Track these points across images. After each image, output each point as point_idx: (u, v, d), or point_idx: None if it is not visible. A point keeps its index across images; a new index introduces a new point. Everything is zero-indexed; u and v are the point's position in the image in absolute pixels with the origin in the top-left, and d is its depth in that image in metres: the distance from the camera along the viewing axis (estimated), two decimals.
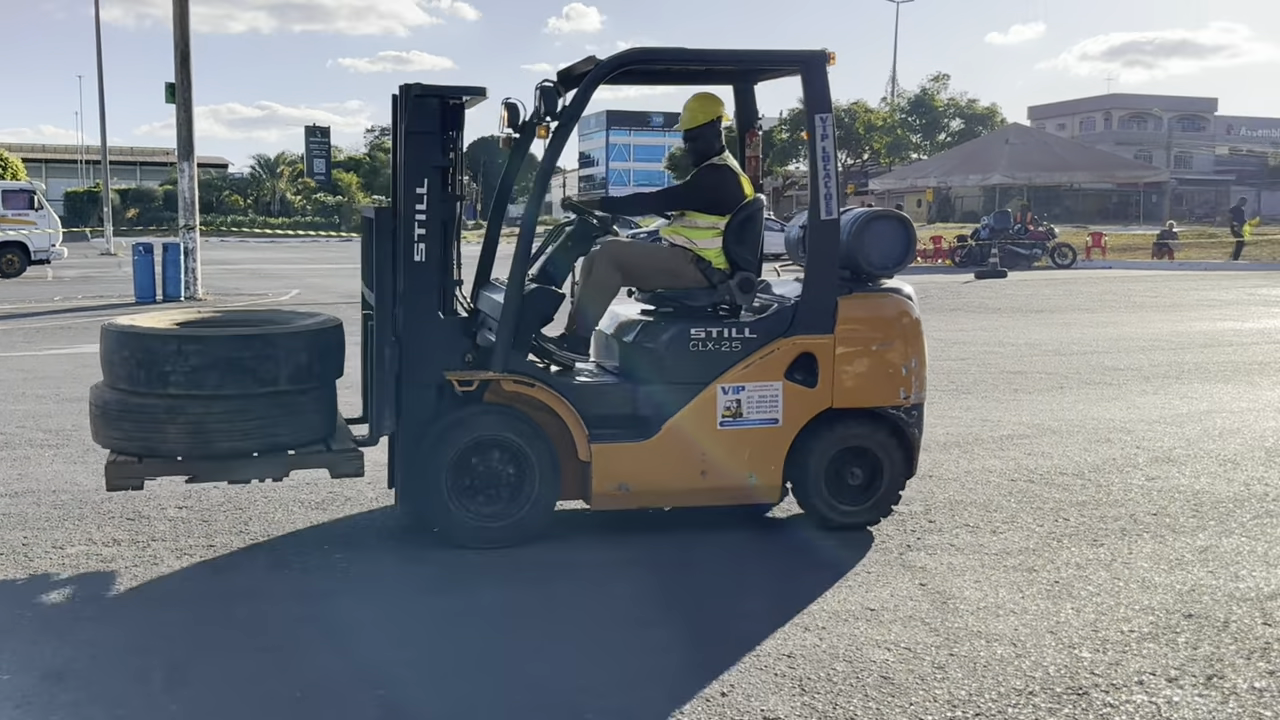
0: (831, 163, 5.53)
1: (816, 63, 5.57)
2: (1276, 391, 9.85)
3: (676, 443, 5.41)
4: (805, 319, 5.52)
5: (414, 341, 5.24)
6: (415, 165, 5.22)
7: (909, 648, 4.15)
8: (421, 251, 5.23)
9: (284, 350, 5.03)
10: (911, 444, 5.72)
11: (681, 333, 5.47)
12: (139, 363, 4.90)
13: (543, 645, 4.17)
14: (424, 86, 5.22)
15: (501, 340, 5.27)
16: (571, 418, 5.33)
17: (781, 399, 5.50)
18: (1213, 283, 23.37)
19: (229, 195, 69.99)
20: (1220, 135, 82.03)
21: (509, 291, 5.32)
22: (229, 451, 5.01)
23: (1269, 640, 4.24)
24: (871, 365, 5.58)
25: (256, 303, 18.48)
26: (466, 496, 5.28)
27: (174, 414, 4.91)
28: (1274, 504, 6.16)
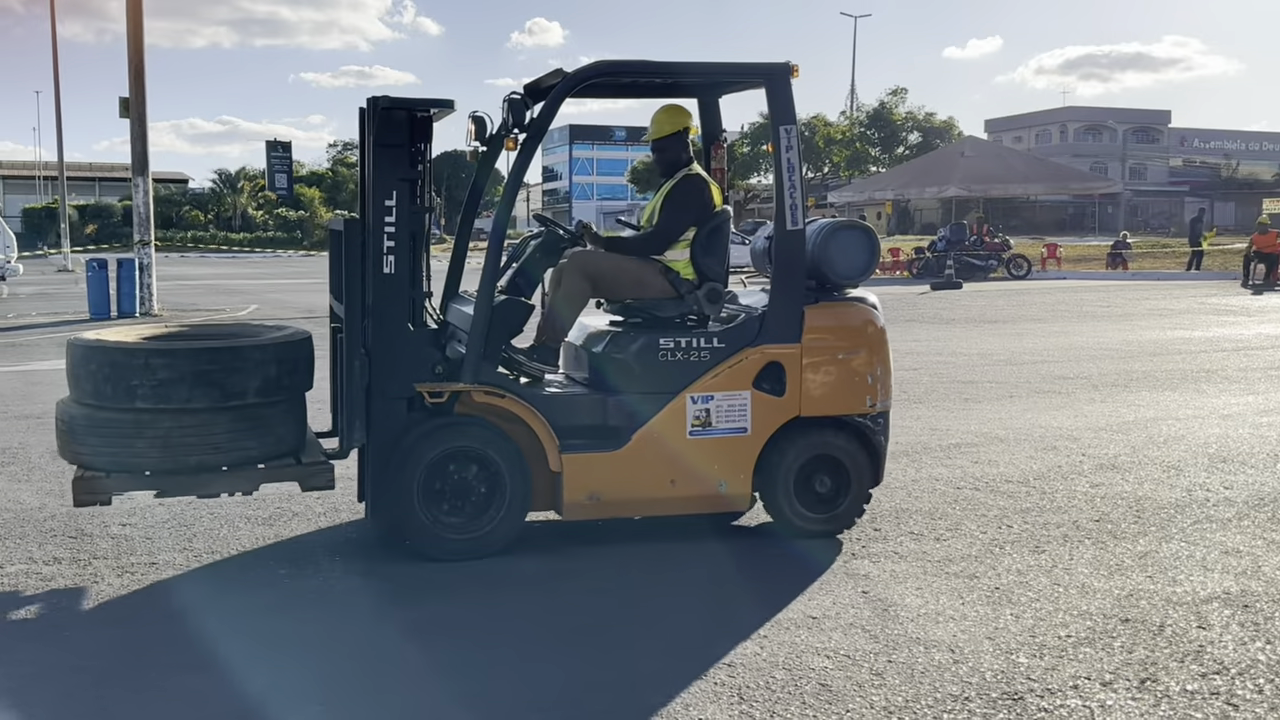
0: (796, 174, 5.60)
1: (780, 75, 5.64)
2: (1222, 398, 10.00)
3: (647, 452, 5.47)
4: (772, 328, 5.59)
5: (383, 354, 5.24)
6: (384, 177, 5.23)
7: (848, 655, 4.18)
8: (390, 263, 5.23)
9: (253, 363, 5.02)
10: (878, 452, 5.80)
11: (651, 343, 5.53)
12: (106, 377, 4.88)
13: (482, 660, 4.16)
14: (392, 99, 5.23)
15: (471, 352, 5.29)
16: (542, 428, 5.35)
17: (750, 408, 5.56)
18: (1164, 292, 23.67)
19: (189, 210, 69.35)
20: (1174, 147, 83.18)
21: (478, 303, 5.34)
22: (198, 466, 4.99)
23: (1202, 644, 4.30)
24: (838, 374, 5.66)
25: (213, 318, 18.35)
26: (438, 509, 5.28)
27: (142, 428, 4.89)
28: (1214, 509, 6.26)
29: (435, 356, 5.35)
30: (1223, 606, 4.70)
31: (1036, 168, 40.39)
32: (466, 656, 4.18)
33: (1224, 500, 6.45)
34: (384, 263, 5.23)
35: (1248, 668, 4.08)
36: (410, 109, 5.27)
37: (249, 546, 5.52)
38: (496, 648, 4.27)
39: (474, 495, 5.32)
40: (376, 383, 5.25)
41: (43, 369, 11.97)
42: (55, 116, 36.50)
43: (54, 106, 36.89)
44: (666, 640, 4.35)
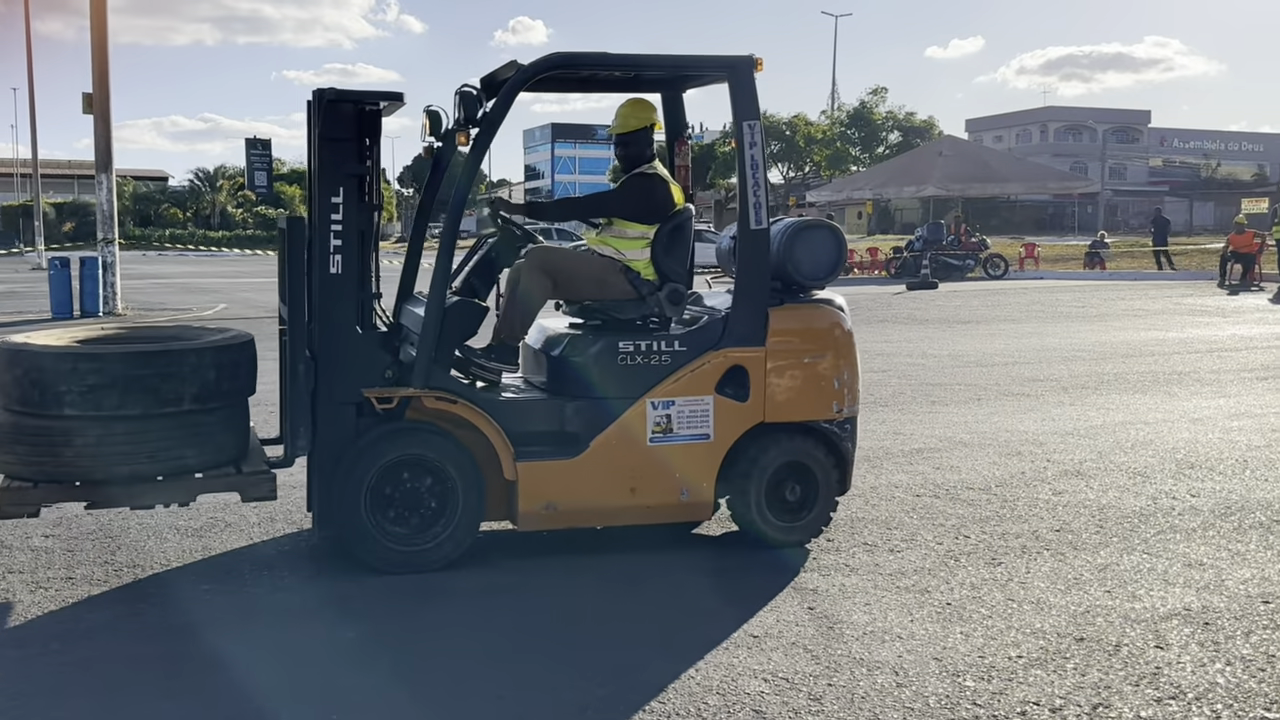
0: (760, 171, 5.40)
1: (744, 68, 5.44)
2: (1193, 401, 9.84)
3: (605, 460, 5.27)
4: (736, 331, 5.40)
5: (330, 358, 5.03)
6: (330, 173, 5.02)
7: (787, 678, 3.97)
8: (338, 263, 5.02)
9: (189, 368, 4.78)
10: (845, 458, 5.63)
11: (609, 346, 5.32)
12: (33, 382, 4.62)
13: (402, 684, 3.93)
14: (339, 91, 5.04)
15: (422, 355, 5.07)
16: (496, 435, 5.14)
17: (713, 413, 5.37)
18: (1140, 292, 23.56)
19: (168, 208, 68.93)
20: (1154, 147, 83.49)
21: (430, 305, 5.13)
22: (131, 475, 4.74)
23: (1159, 665, 4.11)
24: (803, 378, 5.47)
25: (178, 317, 18.06)
26: (385, 518, 5.06)
27: (70, 436, 4.64)
28: (1179, 519, 6.07)
29: (385, 360, 5.12)
30: (1182, 624, 4.51)
31: (1014, 167, 40.30)
32: (388, 680, 3.95)
33: (1190, 509, 6.27)
34: (330, 262, 5.02)
35: (1205, 691, 3.88)
36: (358, 101, 5.06)
37: (174, 560, 5.28)
38: (420, 671, 4.04)
39: (424, 505, 5.11)
40: (323, 388, 5.03)
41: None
42: (30, 113, 35.99)
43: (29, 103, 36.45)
44: (599, 663, 4.12)
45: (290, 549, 5.46)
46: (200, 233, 64.04)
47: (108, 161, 18.63)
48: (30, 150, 37.71)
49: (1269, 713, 3.72)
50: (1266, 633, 4.41)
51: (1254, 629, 4.45)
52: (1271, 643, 4.30)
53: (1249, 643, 4.31)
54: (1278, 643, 4.30)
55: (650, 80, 6.06)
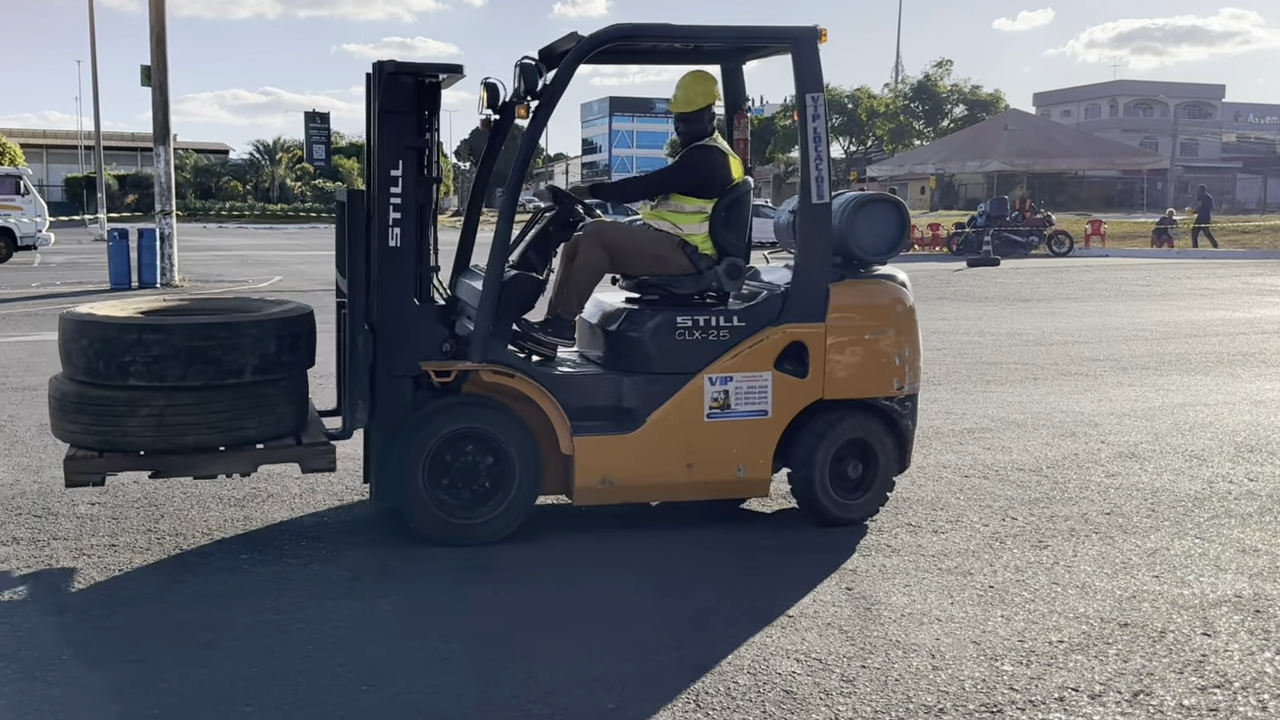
0: (823, 144, 5.35)
1: (807, 39, 5.36)
2: (1256, 383, 9.59)
3: (662, 435, 5.23)
4: (795, 307, 5.34)
5: (388, 331, 5.03)
6: (390, 146, 5.01)
7: (820, 658, 3.91)
8: (396, 236, 5.02)
9: (250, 339, 4.80)
10: (905, 436, 5.56)
11: (667, 321, 5.28)
12: (98, 353, 4.68)
13: (432, 657, 3.92)
14: (399, 64, 5.01)
15: (480, 329, 5.06)
16: (553, 409, 5.13)
17: (771, 390, 5.32)
18: (1208, 271, 23.05)
19: (228, 181, 69.72)
20: (1228, 122, 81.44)
21: (488, 278, 5.11)
22: (194, 445, 4.79)
23: (1205, 653, 3.99)
24: (864, 355, 5.41)
25: (235, 289, 18.27)
26: (444, 492, 5.07)
27: (135, 406, 4.69)
28: (1235, 503, 5.91)
29: (443, 334, 5.12)
30: (1232, 611, 4.38)
31: (1081, 142, 39.55)
32: (415, 653, 3.94)
33: (1247, 493, 6.10)
34: (389, 235, 5.01)
35: (1252, 681, 3.77)
36: (417, 74, 5.04)
37: (216, 529, 5.32)
38: (453, 644, 4.03)
39: (481, 478, 5.11)
40: (381, 360, 5.04)
41: (52, 340, 11.87)
42: (93, 86, 36.48)
43: (91, 76, 36.95)
44: (631, 640, 4.08)
45: (331, 521, 5.48)
46: (259, 205, 64.68)
47: (165, 134, 18.83)
48: (93, 122, 38.25)
49: None
50: None
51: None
52: None
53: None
54: None
55: (712, 52, 5.98)
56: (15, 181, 25.02)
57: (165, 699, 3.54)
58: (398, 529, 5.32)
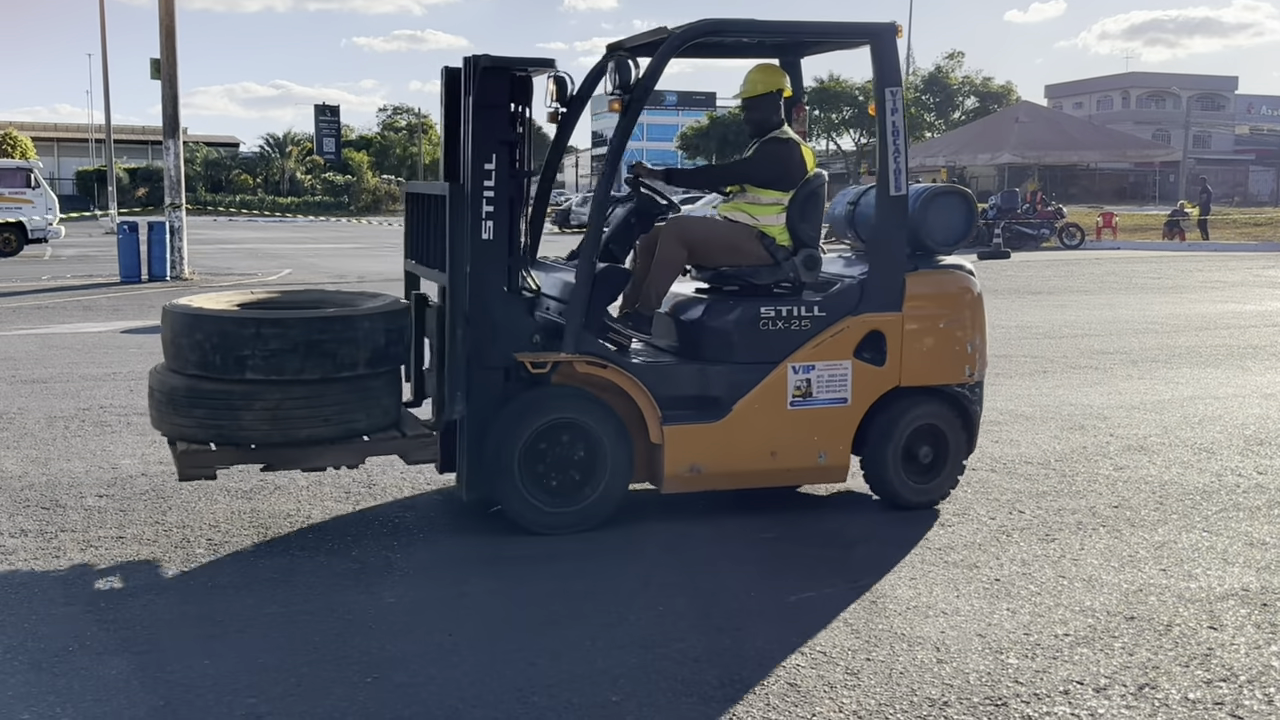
0: (901, 137, 5.46)
1: (887, 35, 5.51)
2: (1267, 376, 9.55)
3: (747, 423, 5.34)
4: (873, 296, 5.47)
5: (481, 323, 5.07)
6: (483, 140, 5.03)
7: (824, 651, 3.91)
8: (489, 229, 5.05)
9: (363, 333, 4.86)
10: (974, 421, 5.74)
11: (751, 311, 5.38)
12: (214, 347, 4.69)
13: (436, 649, 3.93)
14: (492, 58, 5.04)
15: (573, 321, 5.14)
16: (644, 399, 5.22)
17: (850, 378, 5.45)
18: (1220, 263, 22.96)
19: (238, 174, 69.85)
20: (1240, 115, 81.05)
21: (580, 271, 5.18)
22: (307, 438, 4.83)
23: (1211, 646, 3.98)
24: (938, 343, 5.55)
25: (243, 281, 18.31)
26: (539, 481, 5.15)
27: (251, 400, 4.72)
28: (1243, 496, 5.89)
29: (533, 325, 5.17)
30: (1239, 605, 4.36)
31: (1092, 134, 39.39)
32: (420, 645, 3.95)
33: (1255, 487, 6.08)
34: (482, 228, 5.04)
35: (1258, 674, 3.76)
36: (510, 69, 5.09)
37: (223, 521, 5.33)
38: (457, 637, 4.03)
39: (574, 467, 5.19)
40: (474, 352, 5.10)
41: (61, 332, 11.94)
42: (103, 79, 36.65)
43: (102, 69, 36.99)
44: (635, 632, 4.08)
45: (337, 513, 5.48)
46: (270, 198, 64.80)
47: (175, 127, 18.86)
48: (104, 116, 38.35)
49: None
50: None
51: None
52: None
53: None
54: None
55: (790, 45, 6.12)
56: (26, 175, 25.07)
57: (171, 690, 3.55)
58: (401, 522, 5.34)
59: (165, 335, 4.91)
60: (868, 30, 5.55)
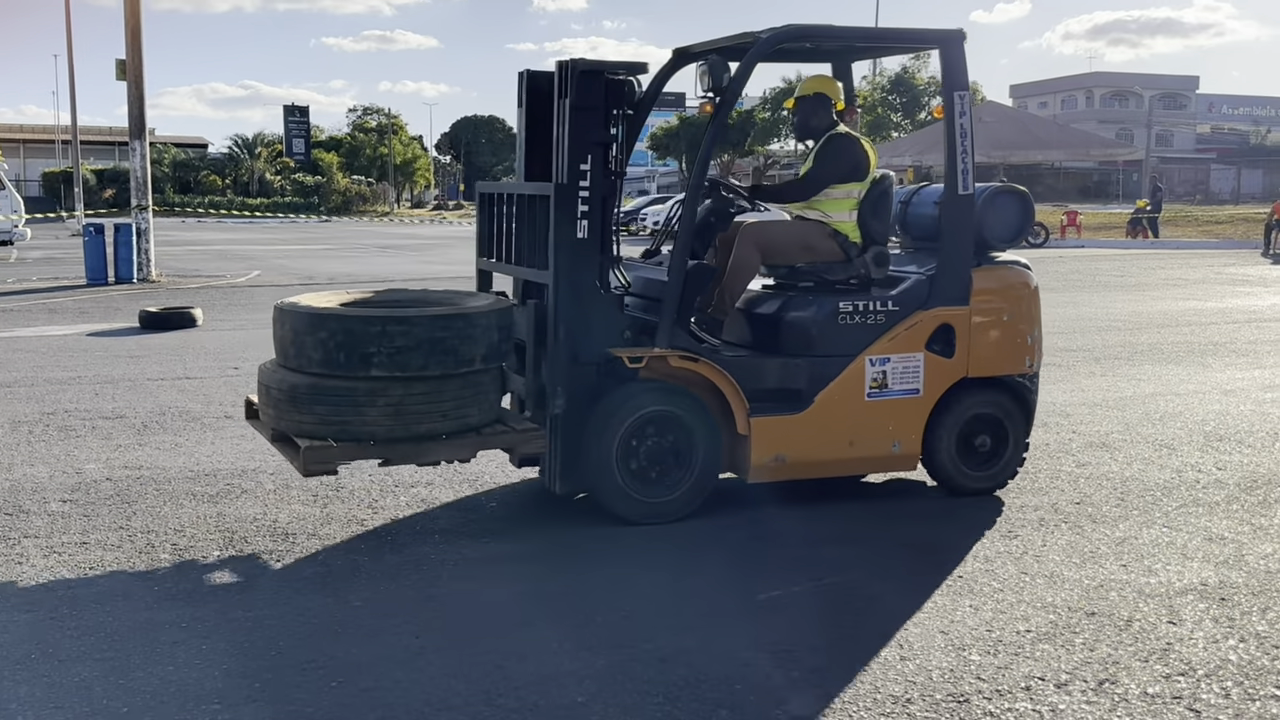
0: (969, 139, 5.68)
1: (955, 41, 5.76)
2: (1227, 373, 9.67)
3: (828, 414, 5.54)
4: (942, 291, 5.70)
5: (576, 319, 5.19)
6: (579, 142, 5.17)
7: (789, 649, 3.93)
8: (584, 228, 5.18)
9: (480, 330, 4.96)
10: (1032, 410, 6.01)
11: (830, 306, 5.57)
12: (339, 345, 4.76)
13: (402, 652, 3.93)
14: (589, 62, 5.19)
15: (667, 317, 5.30)
16: (733, 392, 5.38)
17: (923, 369, 5.67)
18: (1182, 261, 23.22)
19: (207, 175, 69.35)
20: (1202, 114, 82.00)
21: (673, 269, 5.35)
22: (426, 433, 4.90)
23: (1170, 641, 4.03)
24: (1002, 335, 5.81)
25: (212, 283, 18.20)
26: (633, 472, 5.30)
27: (375, 396, 4.79)
28: (1203, 492, 5.97)
29: (624, 321, 5.31)
30: (1198, 600, 4.43)
31: (1057, 134, 39.73)
32: (386, 648, 3.94)
33: (1215, 482, 6.17)
34: (578, 227, 5.16)
35: (1216, 668, 3.81)
36: (605, 72, 5.22)
37: (189, 526, 5.31)
38: (419, 638, 4.03)
39: (668, 458, 5.34)
40: (568, 348, 5.20)
41: (26, 335, 11.84)
42: (69, 80, 36.27)
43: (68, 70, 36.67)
44: (604, 633, 4.10)
45: (304, 516, 5.47)
46: (239, 200, 64.38)
47: (141, 128, 18.73)
48: (70, 117, 37.98)
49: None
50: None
51: (1271, 605, 4.36)
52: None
53: (1265, 619, 4.23)
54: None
55: (863, 49, 6.45)
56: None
57: (134, 697, 3.53)
58: (369, 524, 5.33)
59: (284, 334, 4.95)
60: (937, 37, 5.84)
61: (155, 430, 7.32)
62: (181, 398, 8.46)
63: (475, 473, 6.15)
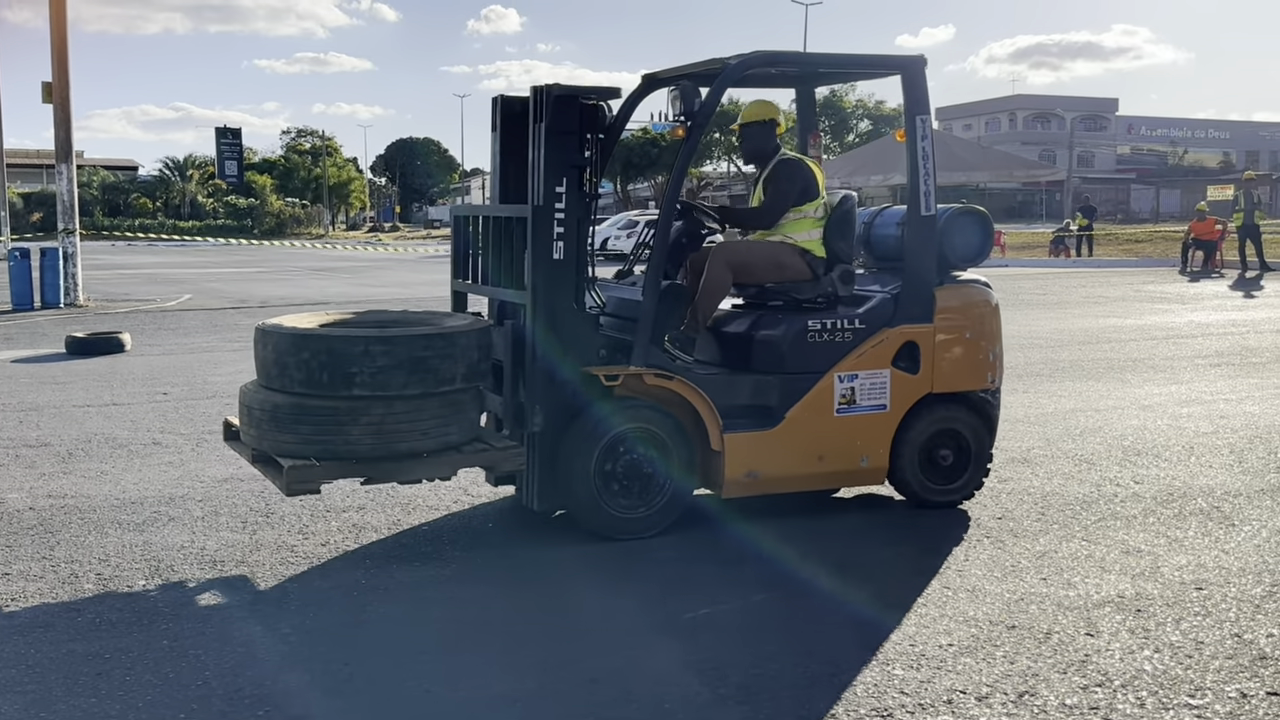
0: (930, 161, 5.83)
1: (916, 67, 5.91)
2: (1145, 388, 9.92)
3: (799, 430, 5.67)
4: (907, 309, 5.85)
5: (553, 339, 5.27)
6: (555, 164, 5.26)
7: (717, 667, 3.98)
8: (560, 249, 5.26)
9: (460, 349, 5.01)
10: (994, 425, 6.17)
11: (800, 324, 5.70)
12: (322, 365, 4.80)
13: (331, 680, 3.91)
14: (564, 87, 5.28)
15: (642, 336, 5.40)
16: (707, 409, 5.49)
17: (889, 385, 5.81)
18: (1102, 279, 23.75)
19: (137, 198, 68.34)
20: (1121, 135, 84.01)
21: (647, 289, 5.44)
22: (408, 452, 4.95)
23: (1088, 652, 4.14)
24: (964, 352, 5.97)
25: (141, 307, 17.94)
26: (612, 489, 5.40)
27: (357, 415, 4.83)
28: (1121, 505, 6.13)
29: (600, 340, 5.41)
30: (1115, 611, 4.55)
31: (981, 155, 40.43)
32: (314, 676, 3.93)
33: (1132, 496, 6.33)
34: (554, 248, 5.24)
35: (1132, 679, 3.92)
36: (580, 97, 5.32)
37: (114, 555, 5.24)
38: (348, 665, 4.02)
39: (645, 475, 5.44)
40: (546, 367, 5.26)
41: None
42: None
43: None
44: (535, 655, 4.12)
45: (232, 544, 5.42)
46: (170, 222, 63.47)
47: (68, 151, 18.45)
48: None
49: (1193, 699, 3.76)
50: (1196, 619, 4.45)
51: (1184, 616, 4.49)
52: (1200, 629, 4.35)
53: (1178, 630, 4.35)
54: (1207, 629, 4.35)
55: (827, 75, 6.67)
56: None
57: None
58: (299, 549, 5.30)
59: (266, 355, 4.96)
60: (899, 63, 6.00)
61: (80, 458, 7.21)
62: (108, 424, 8.34)
63: (408, 496, 6.15)
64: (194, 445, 7.55)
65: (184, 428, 8.20)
